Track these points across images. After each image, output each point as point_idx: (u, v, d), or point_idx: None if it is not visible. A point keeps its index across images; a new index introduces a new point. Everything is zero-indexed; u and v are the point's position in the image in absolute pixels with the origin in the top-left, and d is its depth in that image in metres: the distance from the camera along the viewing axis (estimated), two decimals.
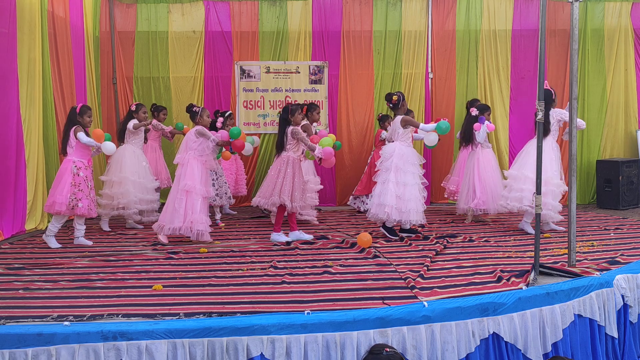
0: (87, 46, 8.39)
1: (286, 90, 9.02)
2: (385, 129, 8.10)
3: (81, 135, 6.13)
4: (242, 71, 8.99)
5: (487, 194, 7.23)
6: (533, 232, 6.52)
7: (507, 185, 6.88)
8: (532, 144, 6.63)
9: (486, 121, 7.37)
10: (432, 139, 6.71)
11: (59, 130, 7.24)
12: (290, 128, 6.44)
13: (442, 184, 8.36)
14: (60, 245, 6.19)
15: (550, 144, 6.61)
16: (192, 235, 6.24)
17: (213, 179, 7.34)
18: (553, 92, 6.69)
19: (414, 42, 9.00)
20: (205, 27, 8.91)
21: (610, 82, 9.10)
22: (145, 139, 7.50)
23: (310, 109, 7.37)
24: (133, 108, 7.28)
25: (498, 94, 9.09)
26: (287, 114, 6.46)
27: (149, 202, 7.25)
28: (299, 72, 9.01)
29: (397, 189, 6.32)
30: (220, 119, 7.43)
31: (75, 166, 6.13)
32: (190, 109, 6.70)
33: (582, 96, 9.01)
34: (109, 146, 6.25)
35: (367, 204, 7.79)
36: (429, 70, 9.05)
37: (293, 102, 7.84)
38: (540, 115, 4.83)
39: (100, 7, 8.75)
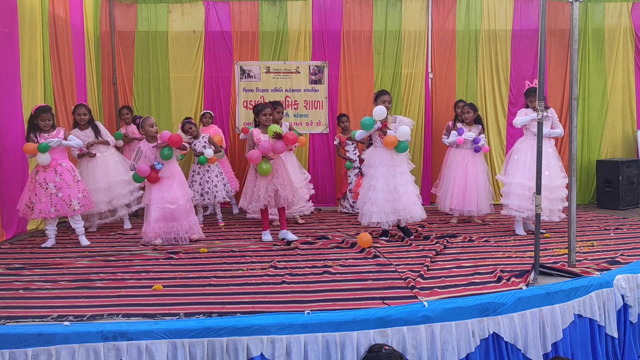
0: (88, 46, 8.39)
1: (286, 90, 9.02)
2: (345, 129, 8.21)
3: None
4: (242, 71, 8.99)
5: (445, 193, 7.41)
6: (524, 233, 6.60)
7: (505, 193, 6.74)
8: (519, 146, 6.70)
9: (479, 140, 7.35)
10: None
11: None
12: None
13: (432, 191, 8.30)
14: (55, 243, 6.24)
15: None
16: (144, 242, 6.28)
17: (194, 181, 7.33)
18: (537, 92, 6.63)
19: (414, 42, 9.00)
20: (205, 27, 8.90)
21: (611, 82, 9.10)
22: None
23: (273, 107, 6.89)
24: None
25: (498, 94, 9.08)
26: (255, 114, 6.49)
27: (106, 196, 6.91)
28: (299, 72, 9.01)
29: None
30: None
31: (36, 170, 6.13)
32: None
33: (583, 96, 9.01)
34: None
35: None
36: (429, 70, 9.05)
37: (261, 102, 7.73)
38: (540, 115, 4.84)
39: (100, 7, 8.75)
